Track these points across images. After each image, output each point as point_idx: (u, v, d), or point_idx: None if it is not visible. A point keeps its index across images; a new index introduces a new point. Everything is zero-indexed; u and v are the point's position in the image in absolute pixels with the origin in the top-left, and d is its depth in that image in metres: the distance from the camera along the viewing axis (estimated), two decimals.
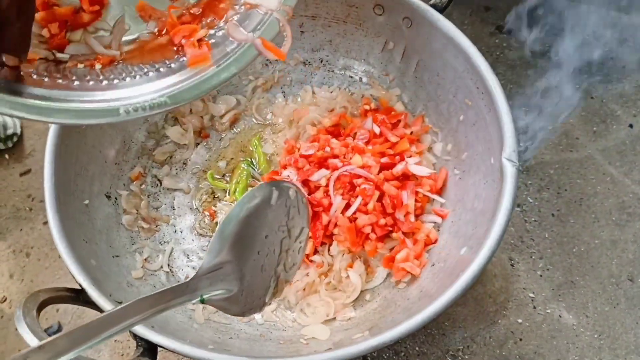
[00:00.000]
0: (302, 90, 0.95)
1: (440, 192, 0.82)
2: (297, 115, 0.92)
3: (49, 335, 0.87)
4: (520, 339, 0.85)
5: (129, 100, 0.54)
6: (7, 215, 1.02)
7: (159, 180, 0.89)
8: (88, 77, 0.56)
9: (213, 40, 0.59)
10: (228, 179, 0.90)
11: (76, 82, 0.55)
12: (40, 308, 0.57)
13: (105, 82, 0.55)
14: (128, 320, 0.43)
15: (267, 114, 0.96)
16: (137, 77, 0.56)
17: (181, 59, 0.58)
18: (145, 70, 0.57)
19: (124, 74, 0.56)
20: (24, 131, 1.10)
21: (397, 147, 0.83)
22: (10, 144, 1.08)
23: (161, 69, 0.57)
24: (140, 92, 0.55)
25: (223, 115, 0.93)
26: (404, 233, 0.79)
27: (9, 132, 1.06)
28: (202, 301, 0.51)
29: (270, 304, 0.54)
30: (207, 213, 0.87)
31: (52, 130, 0.70)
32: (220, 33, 0.60)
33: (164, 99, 0.54)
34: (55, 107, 0.52)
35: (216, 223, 0.86)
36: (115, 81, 0.56)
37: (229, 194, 0.88)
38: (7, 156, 1.08)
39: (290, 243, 0.57)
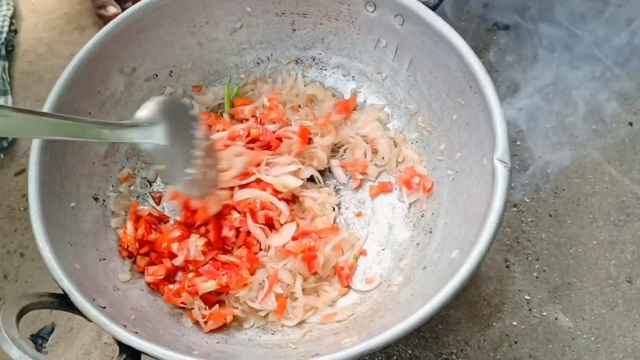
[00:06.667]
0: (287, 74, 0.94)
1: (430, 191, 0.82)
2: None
3: (36, 338, 0.87)
4: (515, 342, 0.83)
5: None
6: (1, 215, 1.01)
7: (148, 181, 0.88)
8: None
9: None
10: None
11: None
12: (20, 315, 0.56)
13: None
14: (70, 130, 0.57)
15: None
16: None
17: None
18: None
19: None
20: None
21: None
22: (5, 144, 1.08)
23: None
24: None
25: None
26: None
27: None
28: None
29: (193, 180, 0.69)
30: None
31: None
32: None
33: None
34: None
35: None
36: None
37: None
38: (1, 155, 1.08)
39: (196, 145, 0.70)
